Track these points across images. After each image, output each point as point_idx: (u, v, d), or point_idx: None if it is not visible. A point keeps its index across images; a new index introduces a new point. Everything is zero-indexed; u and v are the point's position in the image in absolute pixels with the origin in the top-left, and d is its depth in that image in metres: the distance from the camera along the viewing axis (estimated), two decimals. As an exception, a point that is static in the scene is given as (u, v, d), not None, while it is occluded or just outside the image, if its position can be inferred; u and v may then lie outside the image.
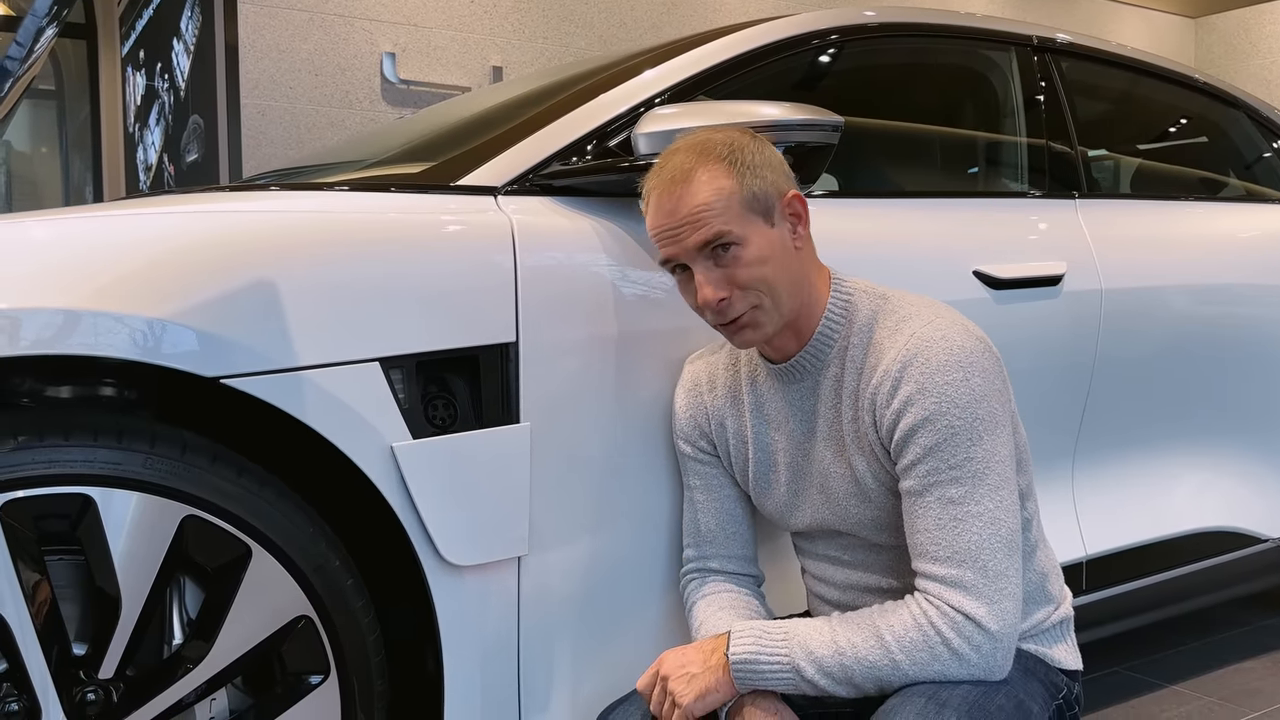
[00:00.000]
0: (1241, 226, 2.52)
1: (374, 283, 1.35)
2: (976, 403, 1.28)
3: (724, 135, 1.36)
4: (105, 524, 1.21)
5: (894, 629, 1.26)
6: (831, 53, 2.01)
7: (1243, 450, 2.40)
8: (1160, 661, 2.57)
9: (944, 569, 1.26)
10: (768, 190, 1.33)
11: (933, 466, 1.28)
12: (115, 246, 1.23)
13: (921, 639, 1.24)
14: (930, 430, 1.28)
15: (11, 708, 1.20)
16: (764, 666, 1.29)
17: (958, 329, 1.32)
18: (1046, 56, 2.29)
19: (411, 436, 1.35)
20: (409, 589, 1.42)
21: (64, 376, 1.33)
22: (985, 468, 1.27)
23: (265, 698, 1.34)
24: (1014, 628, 1.26)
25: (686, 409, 1.54)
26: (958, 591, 1.25)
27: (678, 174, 1.33)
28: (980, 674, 1.26)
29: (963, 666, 1.25)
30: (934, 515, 1.28)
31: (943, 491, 1.27)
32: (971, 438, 1.27)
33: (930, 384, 1.28)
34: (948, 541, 1.26)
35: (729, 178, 1.31)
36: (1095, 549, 2.09)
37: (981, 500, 1.26)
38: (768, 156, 1.36)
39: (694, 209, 1.31)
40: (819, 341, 1.39)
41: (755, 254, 1.32)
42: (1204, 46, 8.00)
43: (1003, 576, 1.25)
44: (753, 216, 1.32)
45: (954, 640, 1.24)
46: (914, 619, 1.25)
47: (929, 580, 1.27)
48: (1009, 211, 2.14)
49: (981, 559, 1.25)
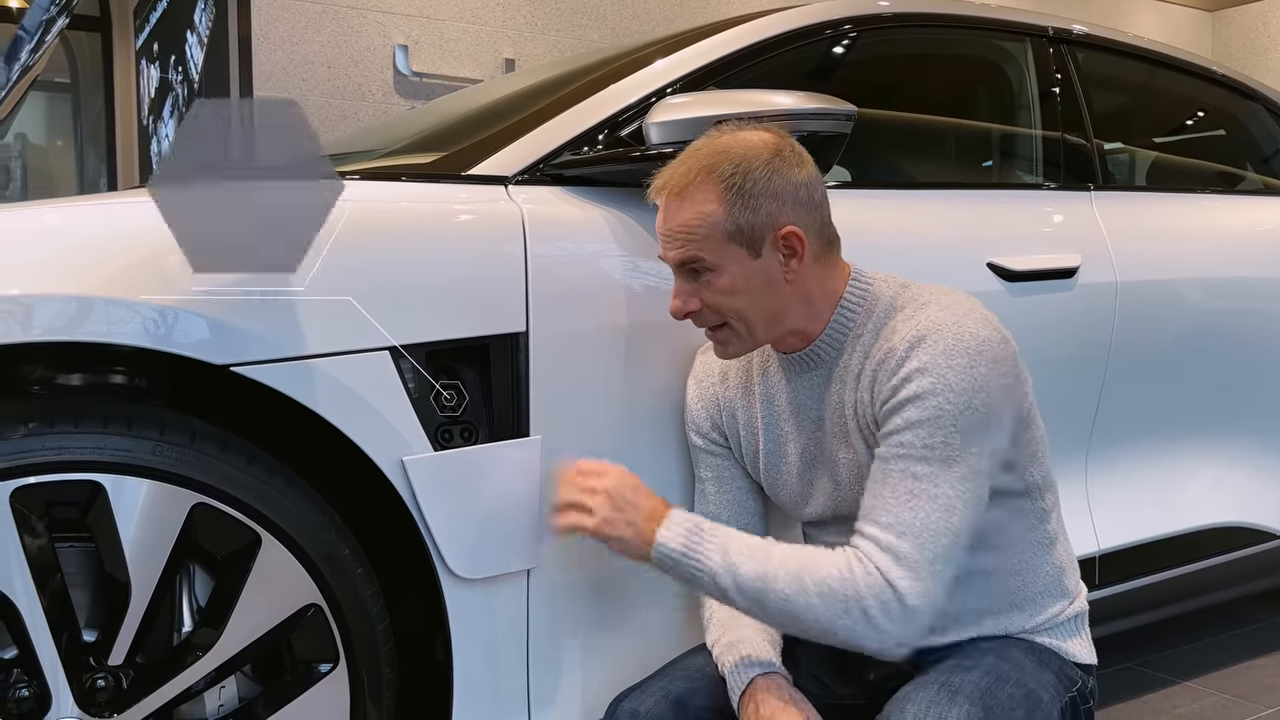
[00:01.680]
0: (1258, 220, 2.50)
1: (384, 271, 1.35)
2: (974, 392, 1.26)
3: (744, 148, 1.32)
4: (115, 511, 1.22)
5: (818, 573, 1.24)
6: (845, 43, 2.00)
7: (1258, 445, 2.39)
8: (1173, 657, 2.56)
9: (884, 535, 1.24)
10: (758, 223, 1.31)
11: (908, 440, 1.26)
12: (127, 234, 1.23)
13: (840, 590, 1.23)
14: (918, 406, 1.26)
15: (22, 694, 1.20)
16: (684, 565, 1.30)
17: (975, 318, 1.30)
18: (1062, 48, 2.27)
19: (420, 423, 1.35)
20: (419, 578, 1.42)
21: (75, 363, 1.33)
22: (960, 455, 1.25)
23: (274, 686, 1.34)
24: (931, 612, 1.24)
25: (698, 400, 1.54)
26: (890, 558, 1.23)
27: (673, 185, 1.33)
28: (881, 645, 1.24)
29: (870, 631, 1.23)
30: (893, 484, 1.26)
31: (909, 466, 1.26)
32: (956, 424, 1.25)
33: (933, 364, 1.26)
34: (896, 512, 1.24)
35: (719, 204, 1.30)
36: (1109, 543, 2.08)
37: (943, 484, 1.25)
38: (774, 185, 1.31)
39: (677, 226, 1.33)
40: (835, 331, 1.38)
41: (728, 284, 1.33)
42: (1221, 40, 7.94)
43: (939, 561, 1.23)
44: (733, 247, 1.32)
45: (870, 603, 1.22)
46: (839, 571, 1.24)
47: (866, 540, 1.25)
48: (1023, 203, 2.12)
49: (924, 538, 1.23)
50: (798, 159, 1.34)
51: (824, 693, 1.45)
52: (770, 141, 1.34)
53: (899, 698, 1.27)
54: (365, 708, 1.37)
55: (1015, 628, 1.41)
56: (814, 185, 1.35)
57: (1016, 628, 1.41)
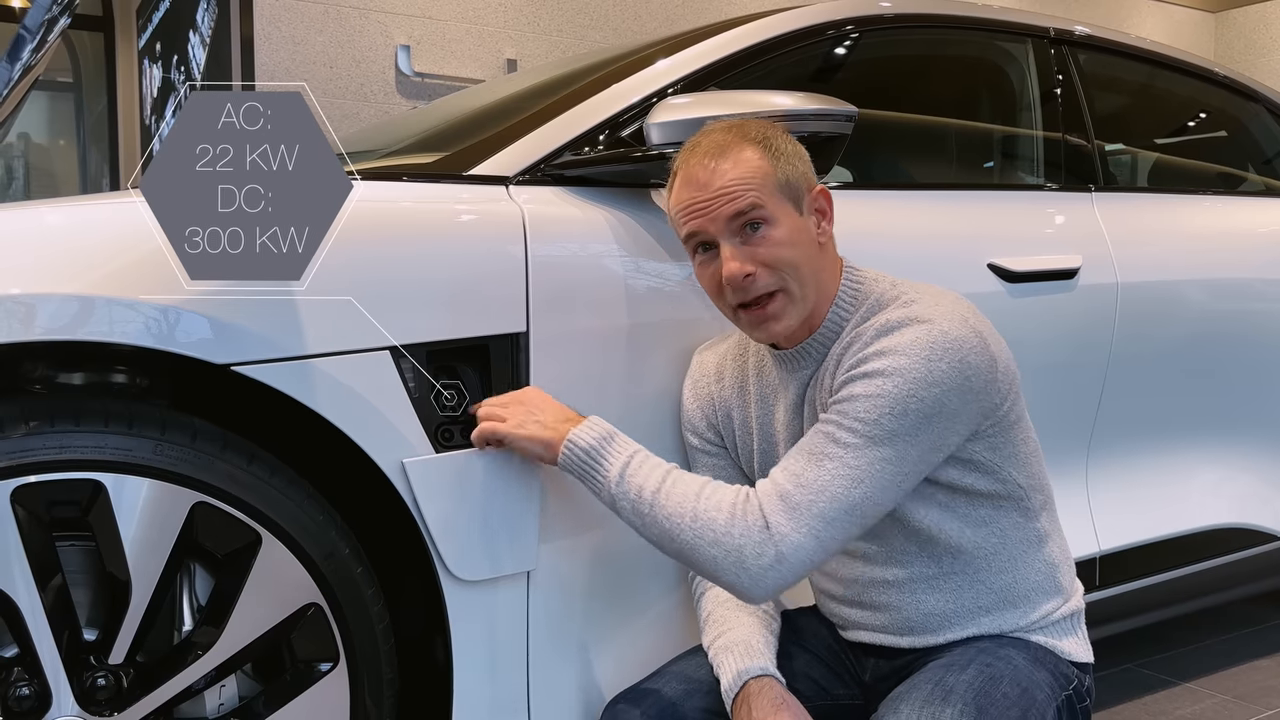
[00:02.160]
0: (1260, 221, 2.50)
1: (385, 271, 1.35)
2: (926, 386, 1.25)
3: (756, 123, 1.38)
4: (116, 510, 1.22)
5: (707, 501, 1.26)
6: (846, 44, 2.00)
7: (1259, 447, 2.38)
8: (1174, 659, 2.55)
9: (783, 482, 1.25)
10: (799, 179, 1.35)
11: (845, 409, 1.27)
12: (129, 233, 1.23)
13: (721, 521, 1.24)
14: (866, 383, 1.26)
15: (22, 692, 1.20)
16: (589, 466, 1.33)
17: (955, 318, 1.29)
18: (1064, 49, 2.27)
19: (420, 422, 1.35)
20: (420, 578, 1.42)
21: (76, 362, 1.33)
22: (889, 437, 1.24)
23: (274, 685, 1.34)
24: (799, 570, 1.24)
25: (694, 401, 1.54)
26: (779, 503, 1.24)
27: (714, 148, 1.33)
28: (742, 585, 1.25)
29: (736, 569, 1.23)
30: (812, 443, 1.27)
31: (835, 431, 1.26)
32: (895, 410, 1.24)
33: (893, 348, 1.27)
34: (803, 466, 1.25)
35: (764, 159, 1.33)
36: (1109, 545, 2.08)
37: (861, 459, 1.24)
38: (798, 149, 1.38)
39: (730, 182, 1.31)
40: (827, 328, 1.38)
41: (784, 235, 1.32)
42: (1224, 41, 7.94)
43: (825, 521, 1.23)
44: (784, 200, 1.33)
45: (742, 539, 1.23)
46: (730, 503, 1.26)
47: (765, 482, 1.27)
48: (1024, 204, 2.12)
49: (818, 495, 1.23)
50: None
51: (819, 693, 1.45)
52: (766, 122, 1.40)
53: (893, 698, 1.27)
54: (365, 707, 1.37)
55: (1009, 626, 1.41)
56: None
57: (1010, 626, 1.41)
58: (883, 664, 1.44)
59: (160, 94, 5.64)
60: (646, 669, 1.47)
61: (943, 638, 1.40)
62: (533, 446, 1.35)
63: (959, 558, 1.38)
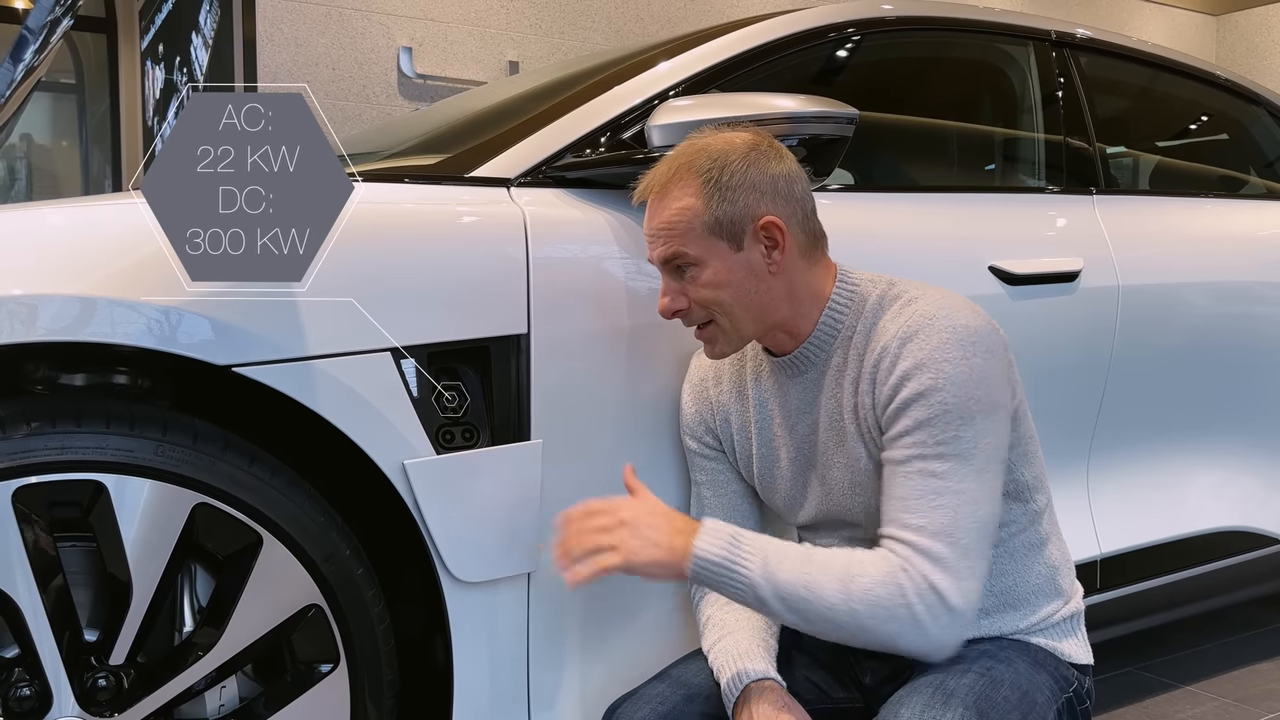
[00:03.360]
0: (1262, 224, 2.49)
1: (386, 272, 1.35)
2: (974, 383, 1.26)
3: (721, 144, 1.34)
4: (117, 511, 1.22)
5: (862, 580, 1.22)
6: (848, 47, 2.00)
7: (1260, 450, 2.38)
8: (1175, 662, 2.55)
9: (918, 538, 1.24)
10: (736, 215, 1.32)
11: (919, 439, 1.26)
12: (131, 234, 1.24)
13: (886, 597, 1.22)
14: (923, 405, 1.26)
15: (23, 693, 1.20)
16: (724, 577, 1.26)
17: (964, 310, 1.31)
18: (1065, 51, 2.27)
19: (421, 424, 1.35)
20: (420, 580, 1.43)
21: (78, 363, 1.33)
22: (973, 448, 1.26)
23: (275, 686, 1.34)
24: (974, 608, 1.25)
25: (692, 404, 1.54)
26: (928, 561, 1.22)
27: (654, 185, 1.36)
28: (931, 649, 1.24)
29: (918, 635, 1.22)
30: (914, 485, 1.26)
31: (926, 465, 1.26)
32: (963, 417, 1.25)
33: (929, 359, 1.27)
34: (924, 513, 1.24)
35: (697, 197, 1.32)
36: (1110, 548, 2.08)
37: (964, 479, 1.25)
38: (751, 177, 1.32)
39: (658, 226, 1.35)
40: (822, 333, 1.38)
41: (711, 278, 1.34)
42: (1225, 44, 7.93)
43: (973, 555, 1.24)
44: (715, 240, 1.33)
45: (917, 607, 1.22)
46: (885, 576, 1.22)
47: (901, 545, 1.24)
48: (1025, 207, 2.12)
49: (955, 535, 1.23)
50: (776, 154, 1.36)
51: (819, 697, 1.45)
52: (747, 138, 1.36)
53: (893, 702, 1.27)
54: (365, 708, 1.37)
55: (1009, 628, 1.41)
56: (793, 179, 1.36)
57: (1010, 628, 1.41)
58: (883, 666, 1.44)
59: (163, 95, 5.65)
60: (646, 671, 1.47)
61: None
62: (659, 574, 1.27)
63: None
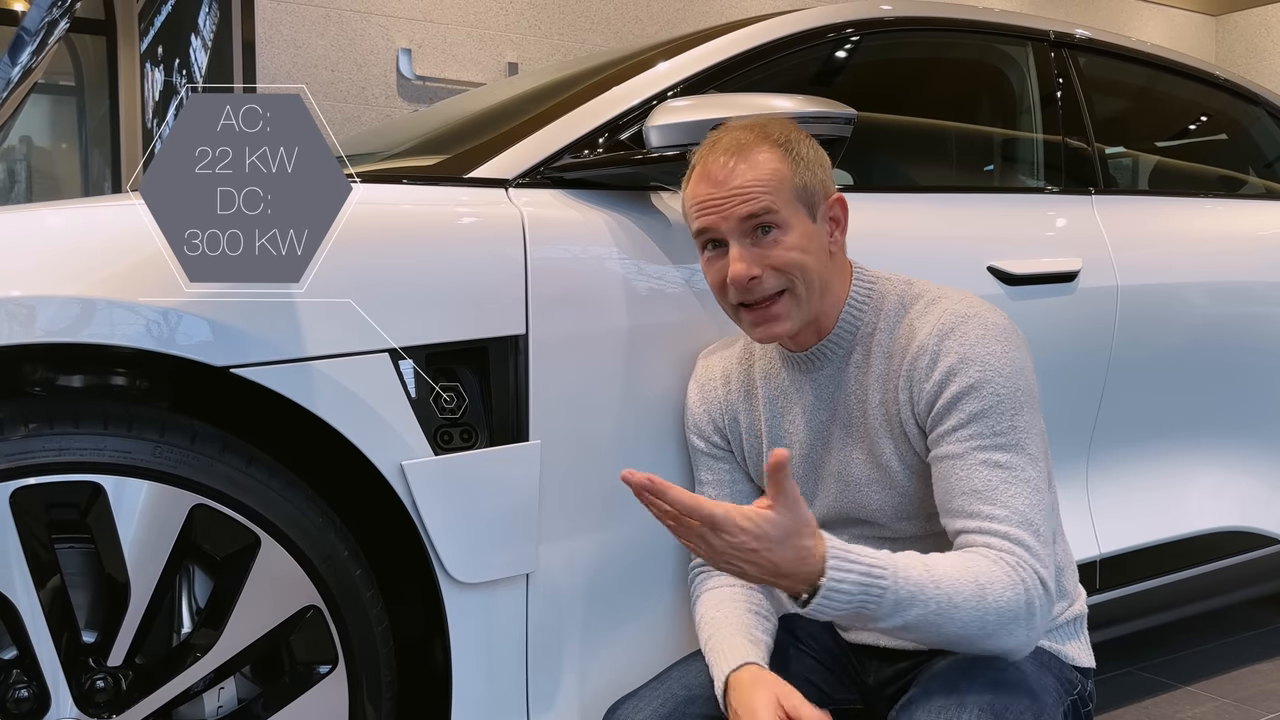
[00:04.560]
0: (1261, 224, 2.49)
1: (384, 273, 1.35)
2: (1018, 374, 1.29)
3: (780, 124, 1.37)
4: (115, 512, 1.22)
5: (995, 589, 1.18)
6: (847, 47, 2.00)
7: (1260, 449, 2.38)
8: (1175, 662, 2.55)
9: (1010, 528, 1.22)
10: (816, 186, 1.35)
11: (977, 431, 1.27)
12: (129, 235, 1.24)
13: (1013, 600, 1.19)
14: (976, 398, 1.27)
15: (21, 694, 1.20)
16: (847, 609, 1.15)
17: (988, 308, 1.34)
18: (1064, 51, 2.27)
19: (419, 425, 1.35)
20: (419, 581, 1.42)
21: (76, 364, 1.33)
22: (1027, 438, 1.27)
23: (273, 687, 1.34)
24: (1055, 596, 1.26)
25: (700, 403, 1.54)
26: (1029, 554, 1.22)
27: (734, 146, 1.33)
28: (1032, 641, 1.23)
29: (1029, 631, 1.22)
30: (983, 476, 1.25)
31: (989, 455, 1.26)
32: (1015, 407, 1.27)
33: (972, 354, 1.28)
34: (1003, 502, 1.23)
35: (784, 163, 1.33)
36: (1109, 548, 2.08)
37: (1026, 468, 1.26)
38: (820, 155, 1.37)
39: (746, 183, 1.31)
40: (843, 329, 1.38)
41: (795, 241, 1.33)
42: (1225, 45, 7.93)
43: (1051, 543, 1.26)
44: (799, 206, 1.33)
45: (1036, 602, 1.20)
46: (1009, 579, 1.19)
47: (1001, 540, 1.22)
48: (1024, 207, 2.12)
49: (1035, 523, 1.24)
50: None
51: (820, 697, 1.44)
52: (789, 123, 1.39)
53: (906, 703, 1.27)
54: (364, 709, 1.37)
55: (1013, 629, 1.40)
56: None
57: (1014, 629, 1.40)
58: (885, 666, 1.44)
59: (162, 97, 5.65)
60: (647, 672, 1.46)
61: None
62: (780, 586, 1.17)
63: None
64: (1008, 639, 1.22)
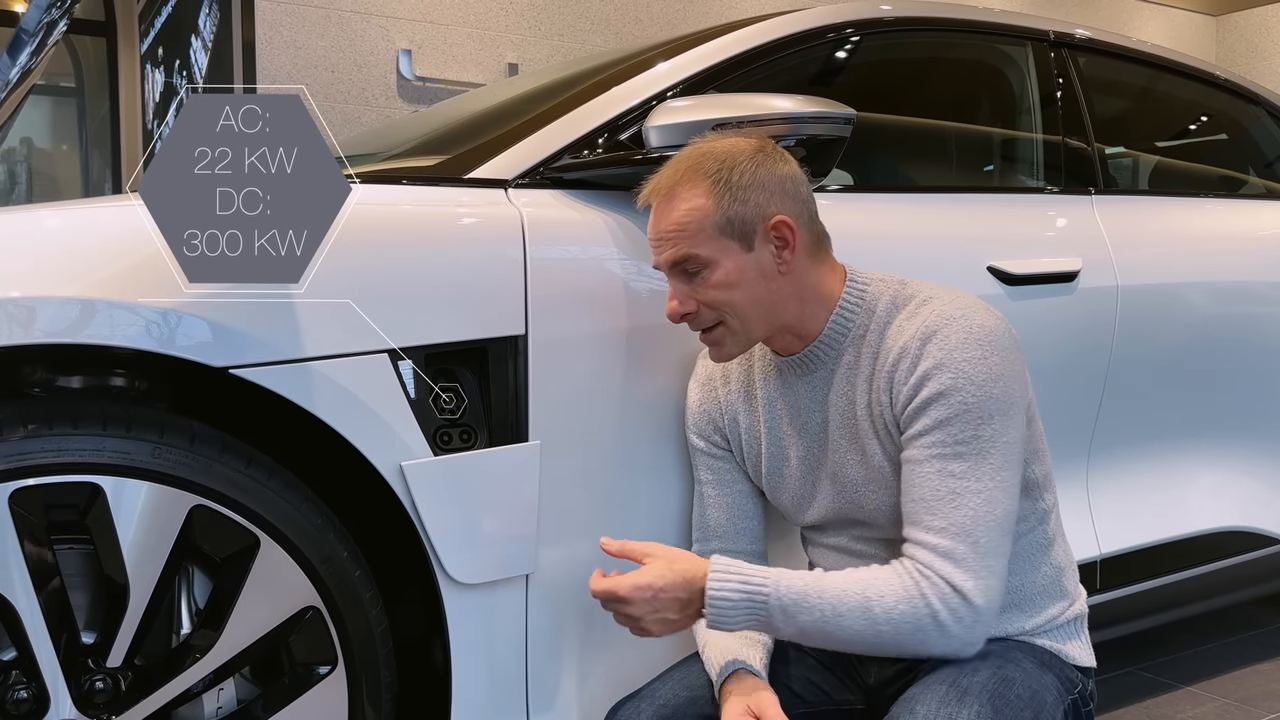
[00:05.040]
0: (1261, 224, 2.49)
1: (383, 274, 1.35)
2: (992, 382, 1.28)
3: (727, 147, 1.35)
4: (114, 513, 1.22)
5: (884, 601, 1.24)
6: (847, 47, 2.00)
7: (1261, 449, 2.38)
8: (1176, 662, 2.55)
9: (938, 539, 1.25)
10: (748, 214, 1.32)
11: (938, 439, 1.28)
12: (129, 236, 1.24)
13: (910, 612, 1.23)
14: (943, 404, 1.27)
15: (21, 695, 1.20)
16: (740, 620, 1.26)
17: (979, 309, 1.33)
18: (1063, 51, 2.27)
19: (419, 425, 1.35)
20: (418, 582, 1.42)
21: (75, 365, 1.33)
22: (991, 447, 1.27)
23: (273, 688, 1.34)
24: (996, 606, 1.26)
25: (700, 403, 1.54)
26: (949, 563, 1.24)
27: (660, 188, 1.35)
28: (957, 648, 1.26)
29: (943, 639, 1.24)
30: (932, 485, 1.27)
31: (944, 465, 1.27)
32: (982, 416, 1.27)
33: (949, 359, 1.28)
34: (944, 513, 1.26)
35: (707, 197, 1.32)
36: (1110, 548, 2.07)
37: (982, 478, 1.26)
38: (760, 177, 1.32)
39: (668, 227, 1.34)
40: (833, 332, 1.38)
41: (722, 278, 1.33)
42: (1225, 45, 7.93)
43: (993, 555, 1.25)
44: (726, 241, 1.33)
45: (941, 612, 1.23)
46: (905, 591, 1.24)
47: (921, 549, 1.26)
48: (1024, 207, 2.12)
49: (975, 534, 1.25)
50: (780, 156, 1.37)
51: (821, 698, 1.45)
52: (752, 141, 1.37)
53: (907, 699, 1.27)
54: (364, 710, 1.37)
55: (1015, 629, 1.41)
56: (799, 180, 1.37)
57: (1016, 629, 1.41)
58: (886, 667, 1.44)
59: (162, 98, 5.65)
60: (646, 673, 1.46)
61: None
62: (679, 629, 1.30)
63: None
64: (924, 647, 1.25)
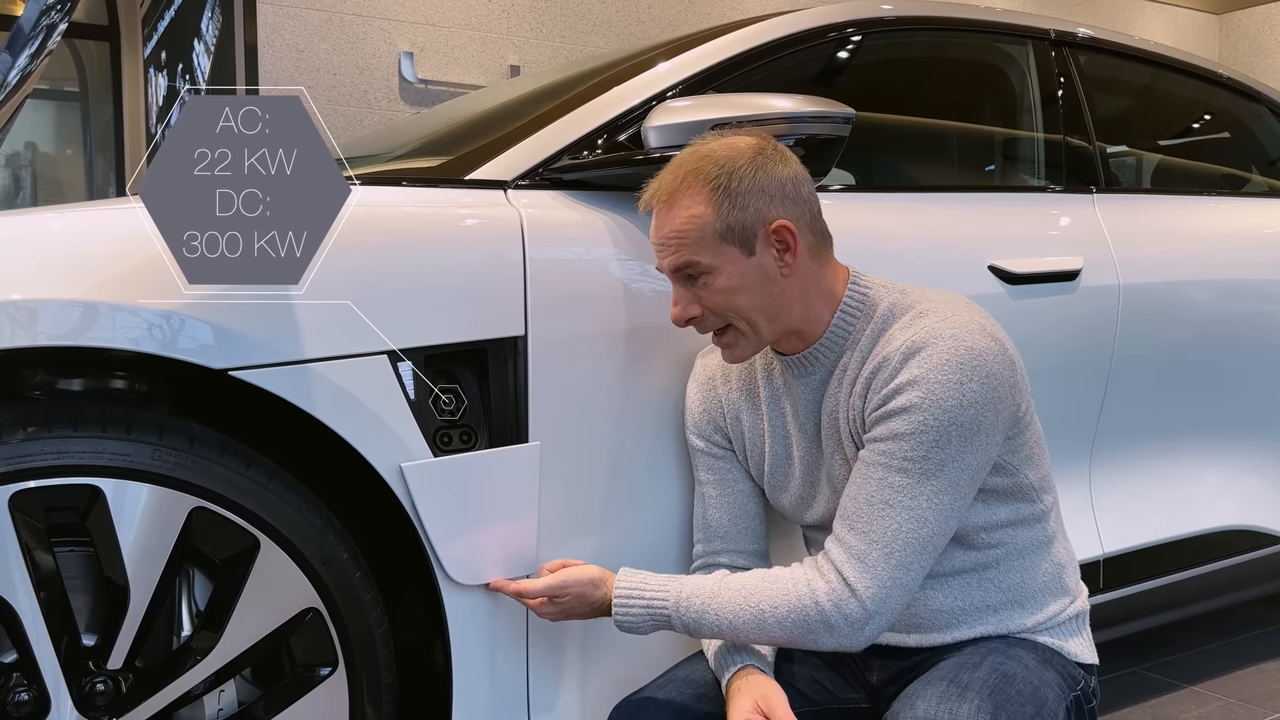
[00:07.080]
0: (1264, 222, 2.49)
1: (382, 275, 1.35)
2: (961, 408, 1.26)
3: (727, 149, 1.34)
4: (114, 515, 1.22)
5: (777, 612, 1.29)
6: (847, 47, 2.00)
7: (1264, 448, 2.37)
8: (1180, 662, 2.54)
9: (855, 540, 1.28)
10: (748, 220, 1.32)
11: (890, 449, 1.28)
12: (130, 238, 1.24)
13: (801, 620, 1.28)
14: (905, 419, 1.27)
15: (21, 697, 1.20)
16: (650, 626, 1.38)
17: (973, 329, 1.30)
18: (1065, 50, 2.27)
19: (419, 426, 1.35)
20: (419, 582, 1.42)
21: (75, 368, 1.33)
22: (938, 470, 1.27)
23: (274, 689, 1.34)
24: (890, 615, 1.28)
25: (700, 403, 1.53)
26: (855, 565, 1.27)
27: (661, 193, 1.35)
28: (847, 645, 1.29)
29: (831, 637, 1.28)
30: (869, 491, 1.29)
31: (887, 475, 1.28)
32: (938, 440, 1.26)
33: (924, 378, 1.27)
34: (870, 518, 1.28)
35: (707, 205, 1.32)
36: (1113, 547, 2.07)
37: (918, 497, 1.27)
38: (760, 181, 1.32)
39: (668, 234, 1.34)
40: (833, 334, 1.38)
41: (724, 284, 1.34)
42: (1228, 43, 7.92)
43: (903, 569, 1.27)
44: (726, 246, 1.32)
45: (830, 614, 1.27)
46: (799, 600, 1.28)
47: (836, 544, 1.30)
48: (1025, 206, 2.12)
49: (891, 546, 1.27)
50: (781, 157, 1.36)
51: (825, 696, 1.45)
52: (753, 142, 1.35)
53: (908, 695, 1.28)
54: (364, 711, 1.37)
55: (1016, 627, 1.40)
56: (800, 181, 1.36)
57: (1017, 626, 1.40)
58: (889, 665, 1.44)
59: (166, 102, 5.66)
60: (647, 674, 1.46)
61: (950, 636, 1.40)
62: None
63: (969, 556, 1.38)
64: (815, 644, 1.30)
